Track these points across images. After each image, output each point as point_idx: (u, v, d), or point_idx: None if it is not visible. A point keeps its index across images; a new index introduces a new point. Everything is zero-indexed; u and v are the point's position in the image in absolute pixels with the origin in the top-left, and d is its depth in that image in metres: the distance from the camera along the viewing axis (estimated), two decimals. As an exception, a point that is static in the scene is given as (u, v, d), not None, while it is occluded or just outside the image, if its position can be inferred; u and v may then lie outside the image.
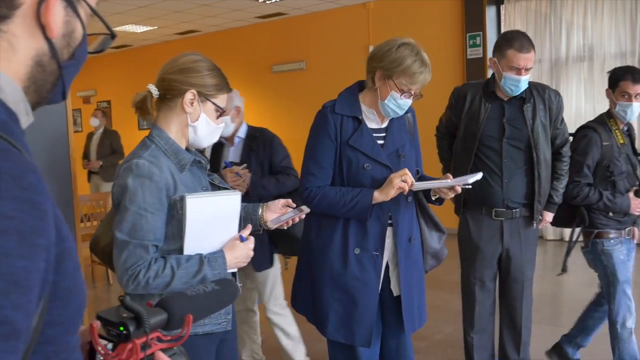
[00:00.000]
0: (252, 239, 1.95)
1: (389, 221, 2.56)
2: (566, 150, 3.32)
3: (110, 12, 9.20)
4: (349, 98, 2.56)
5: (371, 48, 9.80)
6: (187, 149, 1.97)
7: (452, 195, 2.57)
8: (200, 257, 1.82)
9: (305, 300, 2.67)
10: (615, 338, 3.48)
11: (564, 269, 3.76)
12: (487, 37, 8.10)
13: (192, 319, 1.00)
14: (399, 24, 8.96)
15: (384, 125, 2.60)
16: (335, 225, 2.54)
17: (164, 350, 0.95)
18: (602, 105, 7.51)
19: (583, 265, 6.93)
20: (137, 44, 12.29)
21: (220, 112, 1.97)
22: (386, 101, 2.47)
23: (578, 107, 7.79)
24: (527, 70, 3.08)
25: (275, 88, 10.42)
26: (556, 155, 3.32)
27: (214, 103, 1.94)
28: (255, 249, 1.96)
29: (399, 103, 2.47)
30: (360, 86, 2.62)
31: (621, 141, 3.36)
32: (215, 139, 2.02)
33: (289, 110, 9.64)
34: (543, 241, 7.92)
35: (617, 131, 3.36)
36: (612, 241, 3.39)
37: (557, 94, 3.29)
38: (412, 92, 2.46)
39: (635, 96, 3.27)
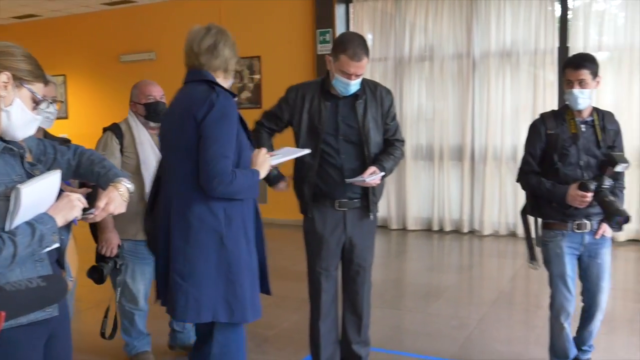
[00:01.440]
0: (77, 195, 1.92)
1: None
2: (399, 144, 3.45)
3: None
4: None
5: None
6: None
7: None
8: (26, 222, 1.77)
9: (215, 301, 2.58)
10: (550, 328, 3.54)
11: (532, 258, 3.52)
12: (337, 33, 8.34)
13: (8, 316, 0.95)
14: (251, 18, 8.99)
15: None
16: (238, 211, 2.61)
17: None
18: (441, 104, 8.05)
19: (424, 252, 7.43)
20: (-31, 26, 11.34)
21: (37, 103, 1.90)
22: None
23: (420, 105, 8.24)
24: (357, 75, 3.18)
25: (123, 79, 10.03)
26: (389, 143, 3.43)
27: (30, 90, 1.86)
28: None
29: None
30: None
31: (573, 131, 3.27)
32: (32, 131, 1.93)
33: (139, 101, 9.34)
34: (387, 230, 8.31)
35: (571, 121, 3.29)
36: (552, 232, 3.34)
37: (388, 91, 3.42)
38: None
39: (576, 82, 3.21)
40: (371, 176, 3.21)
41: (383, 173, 3.27)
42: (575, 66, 3.23)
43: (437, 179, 8.14)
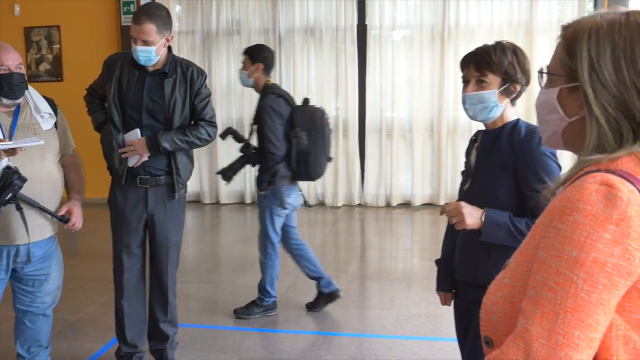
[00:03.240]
0: None
1: None
2: (204, 125, 3.38)
3: None
4: None
5: (16, 7, 8.85)
6: None
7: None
8: None
9: None
10: None
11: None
12: (142, 4, 8.08)
13: None
14: (47, -15, 8.40)
15: None
16: None
17: None
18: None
19: (237, 225, 7.56)
20: None
21: None
22: None
23: (228, 79, 8.27)
24: (144, 42, 3.15)
25: None
26: (195, 123, 3.40)
27: None
28: None
29: None
30: None
31: None
32: None
33: None
34: (200, 205, 8.31)
35: None
36: None
37: (201, 72, 3.39)
38: None
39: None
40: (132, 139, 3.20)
41: (137, 136, 3.21)
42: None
43: (248, 152, 8.26)
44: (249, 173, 8.26)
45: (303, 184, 4.38)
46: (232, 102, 8.30)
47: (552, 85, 1.19)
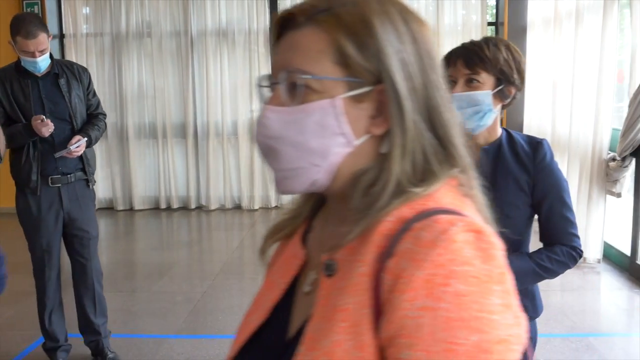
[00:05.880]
0: None
1: None
2: (102, 117, 3.62)
3: None
4: None
5: None
6: None
7: None
8: None
9: None
10: None
11: None
12: (46, 7, 7.81)
13: None
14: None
15: None
16: None
17: None
18: (162, 81, 8.01)
19: (152, 231, 7.43)
20: None
21: None
22: None
23: (140, 82, 8.10)
24: (41, 52, 3.22)
25: None
26: (93, 116, 3.59)
27: None
28: None
29: None
30: None
31: None
32: None
33: None
34: (114, 212, 8.09)
35: None
36: None
37: (85, 69, 3.56)
38: None
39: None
40: (75, 144, 3.33)
41: (86, 138, 3.39)
42: None
43: (162, 157, 8.14)
44: (163, 178, 8.15)
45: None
46: (145, 105, 8.14)
47: (315, 97, 0.80)
